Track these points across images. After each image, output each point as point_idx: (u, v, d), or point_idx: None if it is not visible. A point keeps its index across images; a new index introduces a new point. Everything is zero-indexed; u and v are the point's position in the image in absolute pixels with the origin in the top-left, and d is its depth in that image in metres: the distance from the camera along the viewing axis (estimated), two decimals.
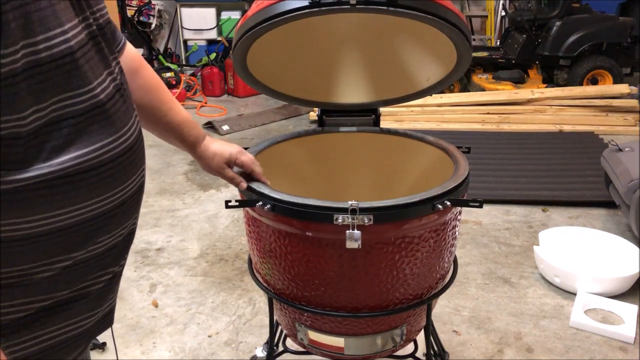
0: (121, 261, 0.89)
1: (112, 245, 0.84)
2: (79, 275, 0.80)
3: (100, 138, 0.76)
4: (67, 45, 0.71)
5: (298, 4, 1.10)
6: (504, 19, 6.21)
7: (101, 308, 0.87)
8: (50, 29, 0.69)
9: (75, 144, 0.73)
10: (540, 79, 5.16)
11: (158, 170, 3.66)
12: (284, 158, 1.48)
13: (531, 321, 2.12)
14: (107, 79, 0.79)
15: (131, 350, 1.98)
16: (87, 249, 0.79)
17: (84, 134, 0.74)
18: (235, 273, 2.47)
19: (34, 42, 0.67)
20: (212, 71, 5.49)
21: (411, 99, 1.50)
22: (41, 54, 0.68)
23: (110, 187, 0.79)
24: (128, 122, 0.83)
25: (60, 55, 0.70)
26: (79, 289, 0.81)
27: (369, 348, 1.27)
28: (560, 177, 3.34)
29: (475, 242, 2.70)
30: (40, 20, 0.68)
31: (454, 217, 1.22)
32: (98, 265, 0.83)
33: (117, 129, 0.79)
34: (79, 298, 0.82)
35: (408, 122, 4.37)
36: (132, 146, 0.83)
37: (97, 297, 0.85)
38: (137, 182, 0.86)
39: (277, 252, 1.18)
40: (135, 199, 0.87)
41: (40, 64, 0.68)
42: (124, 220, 0.85)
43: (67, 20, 0.73)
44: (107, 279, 0.86)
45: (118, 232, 0.84)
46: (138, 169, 0.86)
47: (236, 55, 1.26)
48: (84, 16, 0.78)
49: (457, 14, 1.17)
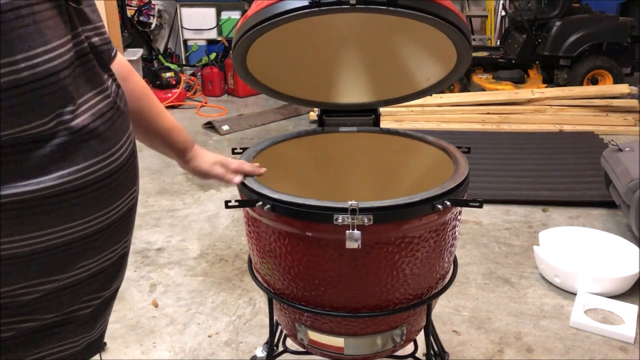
0: (112, 286, 0.87)
1: (100, 269, 0.82)
2: (65, 299, 0.78)
3: (85, 158, 0.74)
4: (51, 65, 0.69)
5: (298, 4, 1.10)
6: (504, 19, 6.22)
7: (90, 334, 0.86)
8: (33, 48, 0.67)
9: (58, 163, 0.71)
10: (540, 79, 5.16)
11: (158, 170, 3.66)
12: (284, 158, 1.48)
13: (531, 321, 2.12)
14: (96, 98, 0.77)
15: (131, 350, 1.98)
16: (72, 273, 0.77)
17: (68, 153, 0.72)
18: (235, 273, 2.47)
19: (14, 61, 0.65)
20: (212, 71, 5.49)
21: (411, 99, 1.50)
22: (22, 73, 0.66)
23: (95, 208, 0.77)
24: (119, 142, 0.80)
25: (44, 75, 0.68)
26: (66, 313, 0.79)
27: (369, 348, 1.27)
28: (560, 177, 3.34)
29: (475, 242, 2.70)
30: (22, 39, 0.66)
31: (454, 217, 1.22)
32: (86, 290, 0.81)
33: (104, 149, 0.77)
34: (67, 322, 0.80)
35: (408, 122, 4.37)
36: (122, 166, 0.81)
37: (86, 322, 0.84)
38: (126, 205, 0.84)
39: (277, 252, 1.18)
40: (124, 222, 0.84)
41: (21, 84, 0.66)
42: (111, 244, 0.83)
43: (55, 38, 0.70)
44: (97, 303, 0.84)
45: (105, 256, 0.82)
46: (128, 190, 0.84)
47: (236, 55, 1.26)
48: (75, 33, 0.75)
49: (457, 14, 1.17)
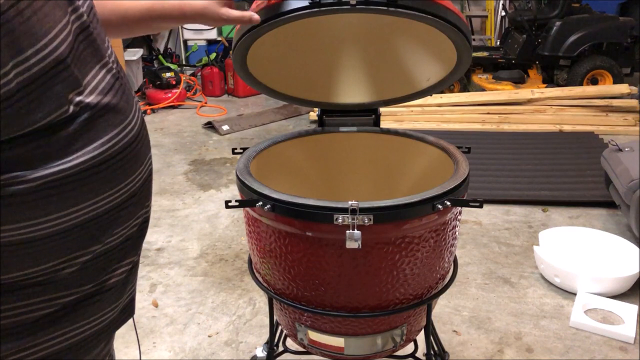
0: (138, 250, 0.90)
1: (128, 235, 0.85)
2: (100, 268, 0.81)
3: (105, 132, 0.76)
4: (58, 53, 0.69)
5: (298, 4, 1.10)
6: (504, 19, 6.21)
7: (122, 299, 0.88)
8: (39, 40, 0.66)
9: (82, 141, 0.73)
10: (540, 79, 5.16)
11: (158, 170, 3.66)
12: (284, 158, 1.48)
13: (531, 321, 2.12)
14: (101, 72, 0.78)
15: (131, 350, 1.98)
16: (105, 242, 0.80)
17: (89, 130, 0.74)
18: (235, 273, 2.47)
19: (25, 59, 0.65)
20: (212, 71, 5.48)
21: (411, 99, 1.50)
22: (33, 69, 0.66)
23: (122, 178, 0.80)
24: (131, 111, 0.82)
25: (53, 65, 0.68)
26: (101, 282, 0.82)
27: (369, 348, 1.27)
28: (560, 177, 3.34)
29: (475, 242, 2.70)
30: (26, 33, 0.65)
31: (454, 217, 1.22)
32: (117, 257, 0.84)
33: (121, 120, 0.79)
34: (102, 291, 0.83)
35: (408, 122, 4.37)
36: (138, 135, 0.83)
37: (119, 289, 0.86)
38: (145, 171, 0.87)
39: (277, 252, 1.18)
40: (146, 187, 0.88)
41: (34, 80, 0.66)
42: (137, 210, 0.86)
43: (56, 22, 0.69)
44: (127, 269, 0.87)
45: (132, 223, 0.85)
46: (146, 156, 0.87)
47: (236, 55, 1.26)
48: (74, 7, 0.74)
49: (457, 14, 1.17)
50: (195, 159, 3.90)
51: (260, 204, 1.12)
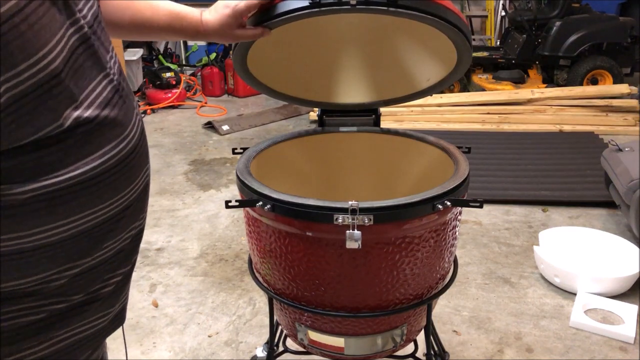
0: (130, 261, 0.89)
1: (121, 248, 0.83)
2: (90, 280, 0.80)
3: (102, 146, 0.74)
4: (52, 68, 0.67)
5: (298, 4, 1.10)
6: (504, 19, 6.22)
7: (113, 308, 0.87)
8: (32, 55, 0.64)
9: (78, 154, 0.71)
10: (540, 79, 5.16)
11: (158, 170, 3.66)
12: (284, 158, 1.48)
13: (531, 321, 2.12)
14: (101, 84, 0.76)
15: (131, 350, 1.98)
16: (94, 256, 0.78)
17: (86, 144, 0.72)
18: (235, 273, 2.47)
19: (17, 73, 0.63)
20: (212, 71, 5.49)
21: (411, 99, 1.50)
22: (25, 83, 0.64)
23: (116, 191, 0.78)
24: (129, 123, 0.80)
25: (46, 80, 0.66)
26: (91, 292, 0.81)
27: (369, 348, 1.27)
28: (560, 177, 3.34)
29: (475, 242, 2.70)
30: (21, 48, 0.63)
31: (454, 217, 1.22)
32: (108, 269, 0.82)
33: (118, 133, 0.77)
34: (92, 301, 0.81)
35: (408, 122, 4.37)
36: (135, 147, 0.81)
37: (110, 298, 0.85)
38: (141, 184, 0.85)
39: (277, 252, 1.18)
40: (140, 201, 0.86)
41: (26, 94, 0.65)
42: (130, 223, 0.84)
43: (52, 36, 0.67)
44: (118, 280, 0.86)
45: (125, 236, 0.83)
46: (142, 169, 0.85)
47: (236, 55, 1.26)
48: (74, 19, 0.72)
49: (457, 14, 1.17)
50: (195, 159, 3.90)
51: (260, 204, 1.12)
